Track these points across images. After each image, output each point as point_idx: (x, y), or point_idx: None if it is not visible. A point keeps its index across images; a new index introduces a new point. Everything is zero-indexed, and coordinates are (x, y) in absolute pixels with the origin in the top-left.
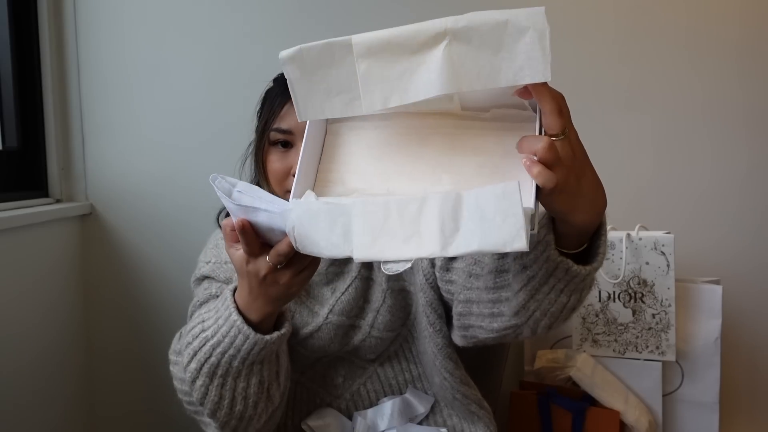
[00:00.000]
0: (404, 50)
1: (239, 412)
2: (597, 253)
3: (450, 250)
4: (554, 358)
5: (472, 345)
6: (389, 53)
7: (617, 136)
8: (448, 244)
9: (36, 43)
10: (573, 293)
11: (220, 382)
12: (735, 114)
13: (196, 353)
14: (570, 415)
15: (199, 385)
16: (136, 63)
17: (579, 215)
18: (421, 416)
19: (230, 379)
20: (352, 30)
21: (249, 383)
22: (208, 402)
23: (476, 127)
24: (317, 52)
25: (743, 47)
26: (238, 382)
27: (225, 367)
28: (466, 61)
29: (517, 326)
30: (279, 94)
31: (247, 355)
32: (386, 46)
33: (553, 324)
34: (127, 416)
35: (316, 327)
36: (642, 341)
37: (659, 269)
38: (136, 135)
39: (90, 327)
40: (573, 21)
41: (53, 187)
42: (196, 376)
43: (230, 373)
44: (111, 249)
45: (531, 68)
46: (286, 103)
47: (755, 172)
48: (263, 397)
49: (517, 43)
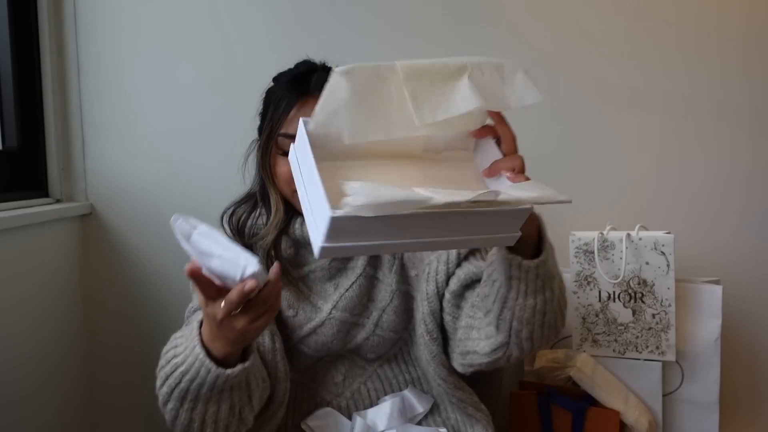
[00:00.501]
0: (440, 77)
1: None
2: (541, 249)
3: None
4: (554, 358)
5: (470, 372)
6: (428, 79)
7: (618, 136)
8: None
9: (36, 43)
10: (536, 294)
11: (190, 406)
12: (735, 114)
13: (167, 378)
14: (570, 415)
15: (170, 408)
16: (136, 63)
17: (529, 221)
18: (420, 416)
19: (200, 404)
20: (352, 30)
21: (219, 408)
22: (179, 424)
23: (435, 162)
24: (367, 72)
25: (744, 48)
26: (208, 407)
27: (194, 393)
28: (485, 87)
29: (505, 344)
30: (284, 96)
31: (213, 386)
32: (425, 73)
33: (533, 335)
34: (126, 416)
35: (320, 322)
36: (642, 341)
37: (659, 269)
38: (136, 135)
39: (89, 327)
40: (574, 21)
41: (53, 187)
42: (167, 400)
43: (200, 398)
44: (111, 249)
45: (530, 94)
46: (292, 107)
47: (756, 172)
48: (234, 420)
49: (513, 78)
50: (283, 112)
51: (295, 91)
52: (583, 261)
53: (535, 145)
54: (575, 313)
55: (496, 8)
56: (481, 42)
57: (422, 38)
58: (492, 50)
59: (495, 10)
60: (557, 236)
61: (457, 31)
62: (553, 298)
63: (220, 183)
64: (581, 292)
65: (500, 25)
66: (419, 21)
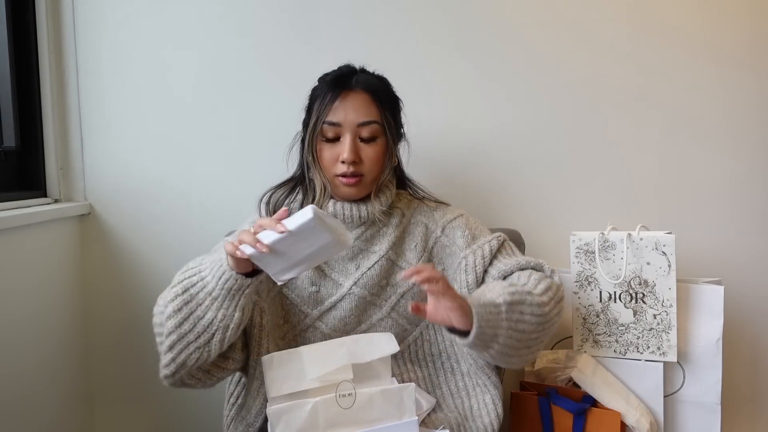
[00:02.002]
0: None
1: (183, 331)
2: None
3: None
4: (555, 359)
5: None
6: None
7: (618, 136)
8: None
9: (35, 43)
10: (481, 352)
11: (187, 298)
12: (736, 114)
13: (187, 274)
14: (571, 416)
15: (172, 293)
16: (134, 63)
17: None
18: (424, 414)
19: (193, 303)
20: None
21: (204, 315)
22: (170, 306)
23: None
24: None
25: (746, 47)
26: (197, 308)
27: (197, 290)
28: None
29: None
30: (329, 90)
31: (215, 285)
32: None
33: (511, 364)
34: (125, 415)
35: (340, 297)
36: (643, 342)
37: (660, 269)
38: (134, 135)
39: (88, 326)
40: (575, 21)
41: (52, 187)
42: (174, 286)
43: (195, 298)
44: (109, 249)
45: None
46: (337, 99)
47: (757, 172)
48: (205, 336)
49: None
50: (328, 102)
51: (339, 86)
52: (583, 261)
53: (535, 145)
54: (576, 314)
55: (497, 9)
56: (482, 43)
57: (422, 39)
58: (493, 50)
59: (495, 11)
60: (558, 236)
61: (457, 33)
62: (507, 344)
63: (219, 182)
64: (582, 293)
65: (501, 25)
66: (418, 22)
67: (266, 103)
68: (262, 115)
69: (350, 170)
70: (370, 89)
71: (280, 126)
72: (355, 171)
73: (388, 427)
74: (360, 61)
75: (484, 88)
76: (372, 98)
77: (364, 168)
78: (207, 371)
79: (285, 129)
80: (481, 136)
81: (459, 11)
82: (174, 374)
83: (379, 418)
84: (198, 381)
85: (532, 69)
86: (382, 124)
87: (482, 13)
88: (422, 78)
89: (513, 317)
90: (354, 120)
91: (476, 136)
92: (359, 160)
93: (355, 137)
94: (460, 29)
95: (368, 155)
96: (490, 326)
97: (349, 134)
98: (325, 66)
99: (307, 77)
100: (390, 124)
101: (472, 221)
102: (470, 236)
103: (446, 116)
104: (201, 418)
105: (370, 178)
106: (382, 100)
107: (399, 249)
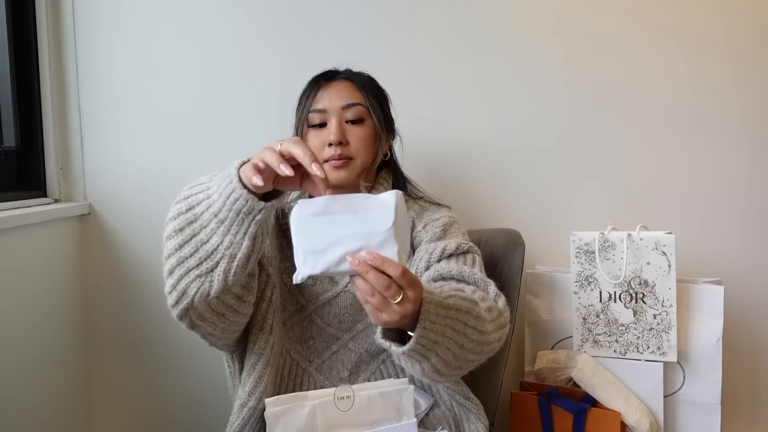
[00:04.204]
0: None
1: (184, 255)
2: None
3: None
4: (555, 359)
5: None
6: None
7: (618, 136)
8: None
9: (34, 42)
10: (420, 362)
11: (191, 217)
12: (736, 114)
13: (195, 189)
14: (571, 416)
15: (175, 210)
16: (134, 63)
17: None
18: (422, 414)
19: (197, 224)
20: (352, 28)
21: (208, 240)
22: (171, 224)
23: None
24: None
25: (746, 48)
26: (201, 231)
27: (202, 209)
28: None
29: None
30: (314, 82)
31: (222, 205)
32: None
33: (440, 378)
34: (125, 414)
35: (335, 294)
36: (643, 342)
37: (660, 269)
38: (134, 135)
39: (88, 326)
40: (575, 21)
41: (52, 187)
42: (179, 201)
43: (199, 219)
44: (110, 249)
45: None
46: (320, 88)
47: (757, 172)
48: (208, 263)
49: None
50: (313, 92)
51: (322, 77)
52: (583, 261)
53: (535, 145)
54: (576, 314)
55: (498, 8)
56: (483, 42)
57: (423, 37)
58: (493, 50)
59: (496, 10)
60: (558, 236)
61: (459, 31)
62: (443, 359)
63: None
64: (582, 293)
65: (502, 25)
66: (420, 20)
67: (267, 103)
68: (262, 115)
69: (337, 152)
70: (352, 78)
71: (280, 126)
72: (342, 153)
73: (387, 429)
74: (359, 60)
75: (483, 87)
76: (355, 84)
77: (352, 150)
78: (220, 313)
79: (285, 129)
80: (481, 135)
81: (459, 11)
82: (177, 305)
83: (377, 420)
84: (211, 325)
85: (532, 69)
86: (367, 106)
87: (482, 12)
88: (422, 77)
89: (456, 327)
90: (337, 104)
91: (476, 136)
92: (346, 141)
93: (341, 120)
94: (460, 29)
95: (355, 135)
96: (434, 331)
97: (335, 117)
98: (325, 66)
99: (307, 77)
100: (375, 108)
101: (456, 226)
102: (441, 233)
103: (446, 116)
104: (202, 418)
105: (359, 161)
106: (366, 87)
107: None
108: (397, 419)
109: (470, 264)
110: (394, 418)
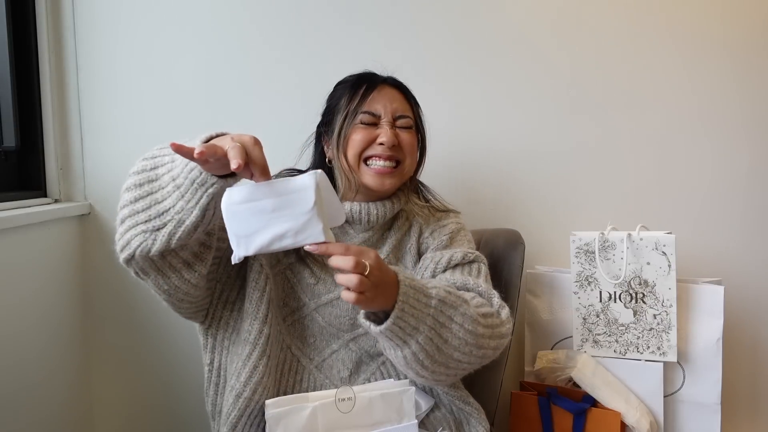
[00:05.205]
0: None
1: (136, 209)
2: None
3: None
4: (555, 359)
5: None
6: None
7: (618, 136)
8: None
9: (35, 42)
10: (395, 349)
11: (152, 176)
12: (736, 114)
13: (165, 150)
14: (571, 416)
15: (140, 166)
16: (134, 62)
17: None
18: (422, 414)
19: (156, 183)
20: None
21: (162, 201)
22: (132, 177)
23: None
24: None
25: (746, 48)
26: (158, 191)
27: (164, 171)
28: None
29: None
30: (361, 83)
31: (181, 171)
32: None
33: (426, 374)
34: (125, 414)
35: (337, 296)
36: (643, 342)
37: (660, 269)
38: (134, 134)
39: (88, 326)
40: (575, 21)
41: (52, 187)
42: (146, 159)
43: (159, 179)
44: (109, 249)
45: None
46: (374, 90)
47: (756, 172)
48: (155, 222)
49: None
50: (364, 92)
51: (371, 80)
52: (583, 261)
53: (536, 145)
54: (576, 314)
55: (498, 7)
56: (483, 41)
57: (424, 34)
58: (493, 49)
59: (497, 9)
60: (558, 236)
61: (459, 30)
62: (425, 349)
63: None
64: (582, 293)
65: (502, 25)
66: (420, 16)
67: (267, 103)
68: (262, 115)
69: (387, 153)
70: (400, 86)
71: (280, 126)
72: (392, 154)
73: (388, 430)
74: (364, 63)
75: (484, 88)
76: (403, 95)
77: (402, 154)
78: (162, 273)
79: (286, 129)
80: (481, 136)
81: (461, 12)
82: (121, 252)
83: (378, 422)
84: (153, 281)
85: (532, 69)
86: (414, 120)
87: (482, 12)
88: (424, 78)
89: (440, 318)
90: (392, 111)
91: (476, 136)
92: (399, 144)
93: (392, 125)
94: (460, 29)
95: (407, 141)
96: (413, 316)
97: (387, 124)
98: (327, 67)
99: (308, 78)
100: (419, 123)
101: (463, 233)
102: (448, 241)
103: (446, 116)
104: (202, 417)
105: (406, 166)
106: (412, 101)
107: (399, 252)
108: (398, 421)
109: (475, 274)
110: (394, 419)
